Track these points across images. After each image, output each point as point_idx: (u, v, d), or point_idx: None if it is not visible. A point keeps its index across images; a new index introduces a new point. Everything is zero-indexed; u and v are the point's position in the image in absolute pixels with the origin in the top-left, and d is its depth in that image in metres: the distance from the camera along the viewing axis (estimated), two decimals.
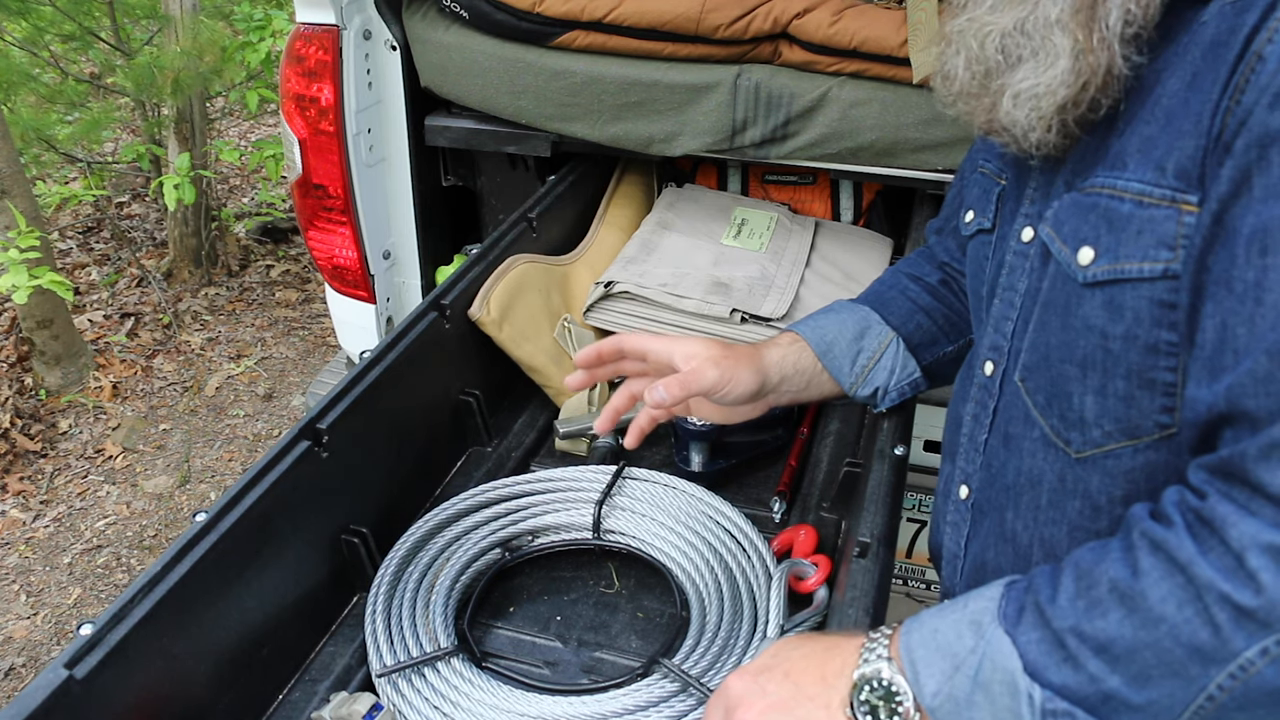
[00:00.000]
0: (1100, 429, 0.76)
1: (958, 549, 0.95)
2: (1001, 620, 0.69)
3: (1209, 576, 0.60)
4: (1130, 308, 0.71)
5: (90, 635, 0.81)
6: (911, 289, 1.18)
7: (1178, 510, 0.65)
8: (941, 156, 1.59)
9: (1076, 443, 0.78)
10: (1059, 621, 0.66)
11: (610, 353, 1.14)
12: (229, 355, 3.88)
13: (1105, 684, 0.64)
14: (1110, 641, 0.64)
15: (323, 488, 1.09)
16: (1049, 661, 0.66)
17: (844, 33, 1.55)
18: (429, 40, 1.75)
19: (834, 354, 1.14)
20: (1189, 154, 0.66)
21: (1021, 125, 0.76)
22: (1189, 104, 0.67)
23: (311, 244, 1.89)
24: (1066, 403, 0.78)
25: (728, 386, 1.07)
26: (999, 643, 0.68)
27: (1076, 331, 0.75)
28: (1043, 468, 0.82)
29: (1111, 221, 0.72)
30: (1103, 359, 0.73)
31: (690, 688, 0.98)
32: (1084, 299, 0.74)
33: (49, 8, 3.83)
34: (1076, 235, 0.75)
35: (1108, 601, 0.65)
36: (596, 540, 1.20)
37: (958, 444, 0.95)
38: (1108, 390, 0.74)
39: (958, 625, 0.71)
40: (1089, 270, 0.73)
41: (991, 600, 0.71)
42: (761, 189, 1.98)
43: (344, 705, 0.97)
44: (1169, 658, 0.62)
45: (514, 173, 1.98)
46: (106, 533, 3.05)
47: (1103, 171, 0.74)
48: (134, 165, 4.32)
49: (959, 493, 0.94)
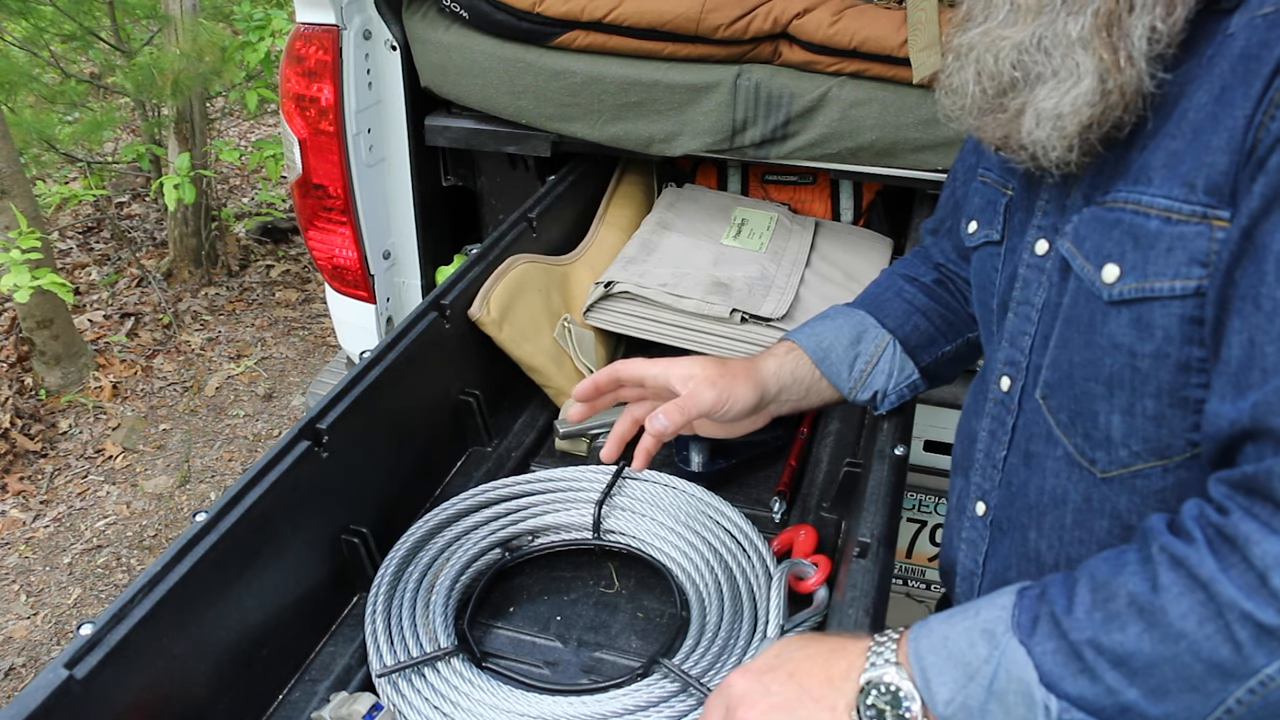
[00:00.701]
0: (1128, 449, 0.75)
1: (974, 566, 0.94)
2: (1016, 630, 0.69)
3: (1231, 595, 0.60)
4: (1160, 326, 0.70)
5: (90, 635, 0.81)
6: (907, 290, 1.17)
7: (1198, 525, 0.64)
8: (941, 156, 1.59)
9: (1102, 462, 0.77)
10: (1076, 633, 0.66)
11: (607, 383, 1.14)
12: (229, 355, 3.88)
13: (1123, 696, 0.64)
14: (1129, 655, 0.64)
15: (323, 488, 1.09)
16: (1065, 673, 0.66)
17: (844, 33, 1.55)
18: (429, 40, 1.75)
19: (831, 360, 1.13)
20: (1221, 170, 0.65)
21: (1043, 144, 0.75)
22: (1218, 119, 0.66)
23: (311, 244, 1.89)
24: (1091, 422, 0.77)
25: (727, 405, 1.07)
26: (1014, 653, 0.68)
27: (1101, 350, 0.74)
28: (1067, 487, 0.81)
29: (1138, 238, 0.71)
30: (1130, 378, 0.72)
31: (690, 688, 0.98)
32: (1109, 317, 0.73)
33: (49, 8, 3.83)
34: (1100, 252, 0.73)
35: (1126, 615, 0.64)
36: (596, 540, 1.20)
37: (972, 459, 0.94)
38: (1136, 410, 0.73)
39: (970, 634, 0.70)
40: (1114, 288, 0.72)
41: (1004, 609, 0.70)
42: (761, 189, 1.98)
43: (344, 705, 0.97)
44: (1188, 672, 0.62)
45: (514, 173, 1.98)
46: (106, 533, 3.05)
47: (1124, 186, 0.73)
48: (134, 165, 4.32)
49: (975, 509, 0.93)
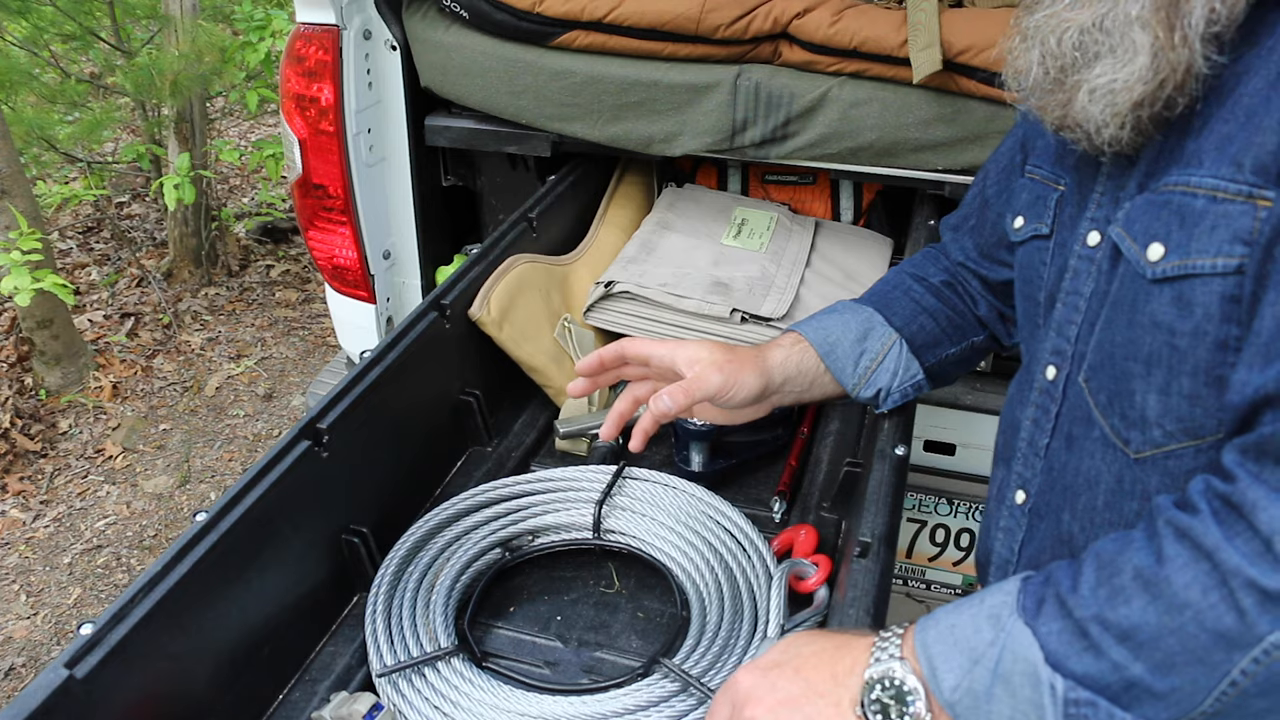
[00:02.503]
0: (1161, 429, 0.75)
1: (1010, 554, 0.94)
2: (1021, 613, 0.69)
3: (1235, 562, 0.60)
4: (1200, 303, 0.70)
5: (90, 635, 0.81)
6: (915, 290, 1.17)
7: (1204, 497, 0.65)
8: (941, 156, 1.59)
9: (1136, 442, 0.77)
10: (1080, 610, 0.66)
11: (612, 359, 1.14)
12: (229, 355, 3.88)
13: (1128, 672, 0.64)
14: (1133, 629, 0.64)
15: (323, 487, 1.09)
16: (1070, 651, 0.66)
17: (844, 33, 1.55)
18: (429, 40, 1.75)
19: (837, 355, 1.13)
20: (1270, 150, 0.66)
21: (1095, 121, 0.76)
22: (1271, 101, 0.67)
23: (311, 244, 1.89)
24: (1128, 401, 0.77)
25: (732, 391, 1.06)
26: (1019, 634, 0.68)
27: (1142, 328, 0.74)
28: (1100, 468, 0.81)
29: (1183, 217, 0.71)
30: (1168, 356, 0.73)
31: (690, 687, 0.98)
32: (1151, 295, 0.73)
33: (50, 7, 3.83)
34: (1147, 232, 0.74)
35: (1131, 589, 0.64)
36: (597, 540, 1.20)
37: (1014, 449, 0.94)
38: (1172, 389, 0.73)
39: (975, 620, 0.71)
40: (1158, 266, 0.72)
41: (1009, 594, 0.71)
42: (761, 189, 1.98)
43: (344, 705, 0.97)
44: (1193, 644, 0.62)
45: (514, 173, 1.98)
46: (106, 533, 3.05)
47: (1177, 171, 0.73)
48: (134, 165, 4.32)
49: (1014, 498, 0.93)
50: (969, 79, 1.50)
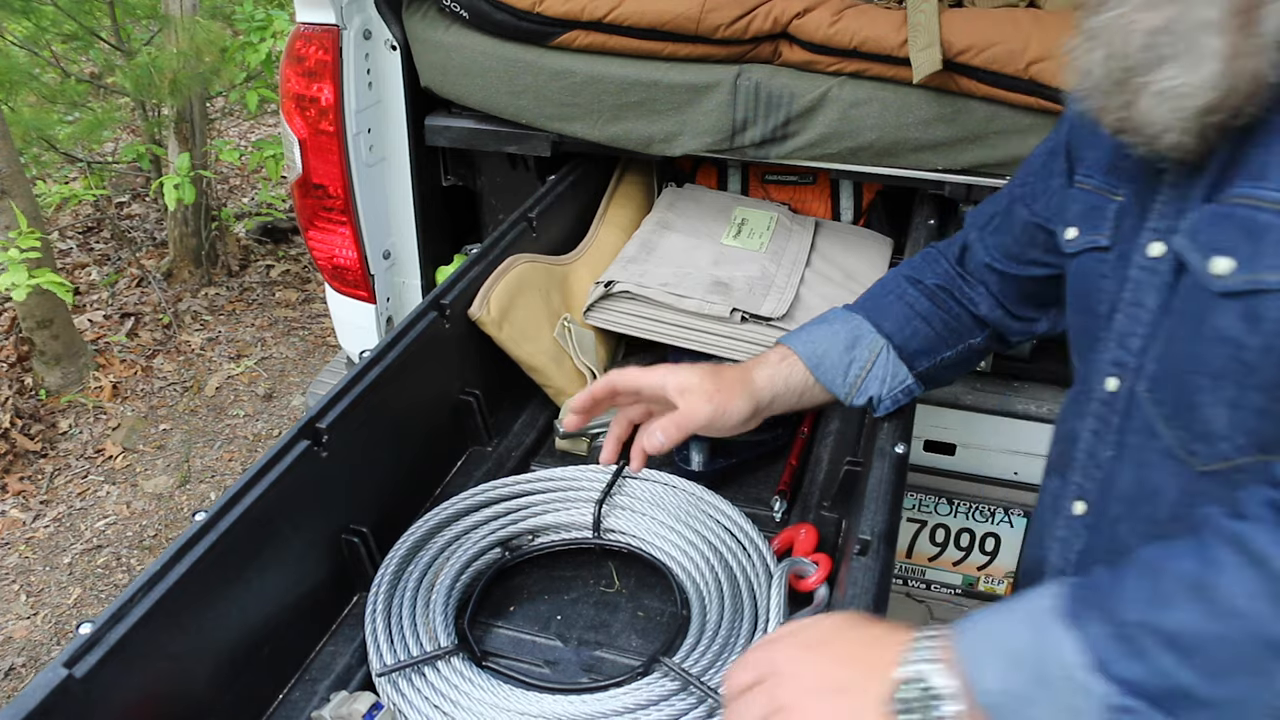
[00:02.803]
0: (1230, 442, 0.74)
1: (1064, 564, 0.94)
2: (1063, 617, 0.67)
3: None
4: (1271, 319, 0.69)
5: (90, 634, 0.81)
6: (910, 294, 1.17)
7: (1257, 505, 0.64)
8: (941, 156, 1.59)
9: (1203, 455, 0.76)
10: (1125, 614, 0.65)
11: (604, 393, 1.17)
12: (229, 355, 3.88)
13: (1176, 679, 0.62)
14: (1179, 634, 0.62)
15: (323, 487, 1.09)
16: (1115, 655, 0.64)
17: (844, 32, 1.55)
18: (429, 40, 1.75)
19: (825, 366, 1.14)
20: None
21: (1158, 125, 0.75)
22: None
23: (311, 244, 1.89)
24: (1193, 415, 0.76)
25: (722, 419, 1.10)
26: (1061, 638, 0.66)
27: (1208, 342, 0.73)
28: (1164, 480, 0.80)
29: (1250, 231, 0.70)
30: (1236, 370, 0.72)
31: (690, 686, 0.98)
32: (1218, 309, 0.72)
33: (50, 7, 3.83)
34: (1211, 245, 0.73)
35: (1178, 594, 0.63)
36: (597, 539, 1.20)
37: (1072, 459, 0.93)
38: (1241, 403, 0.72)
39: (1015, 624, 0.70)
40: (1226, 280, 0.72)
41: (1052, 598, 0.69)
42: (761, 189, 1.98)
43: (344, 705, 0.97)
44: (1243, 652, 0.61)
45: (514, 173, 1.98)
46: (106, 533, 3.05)
47: (1244, 183, 0.73)
48: (134, 165, 4.32)
49: (1072, 508, 0.93)
50: (969, 79, 1.50)
